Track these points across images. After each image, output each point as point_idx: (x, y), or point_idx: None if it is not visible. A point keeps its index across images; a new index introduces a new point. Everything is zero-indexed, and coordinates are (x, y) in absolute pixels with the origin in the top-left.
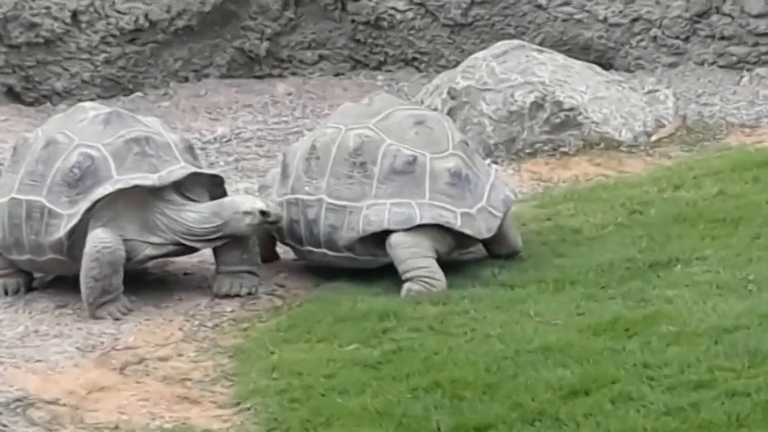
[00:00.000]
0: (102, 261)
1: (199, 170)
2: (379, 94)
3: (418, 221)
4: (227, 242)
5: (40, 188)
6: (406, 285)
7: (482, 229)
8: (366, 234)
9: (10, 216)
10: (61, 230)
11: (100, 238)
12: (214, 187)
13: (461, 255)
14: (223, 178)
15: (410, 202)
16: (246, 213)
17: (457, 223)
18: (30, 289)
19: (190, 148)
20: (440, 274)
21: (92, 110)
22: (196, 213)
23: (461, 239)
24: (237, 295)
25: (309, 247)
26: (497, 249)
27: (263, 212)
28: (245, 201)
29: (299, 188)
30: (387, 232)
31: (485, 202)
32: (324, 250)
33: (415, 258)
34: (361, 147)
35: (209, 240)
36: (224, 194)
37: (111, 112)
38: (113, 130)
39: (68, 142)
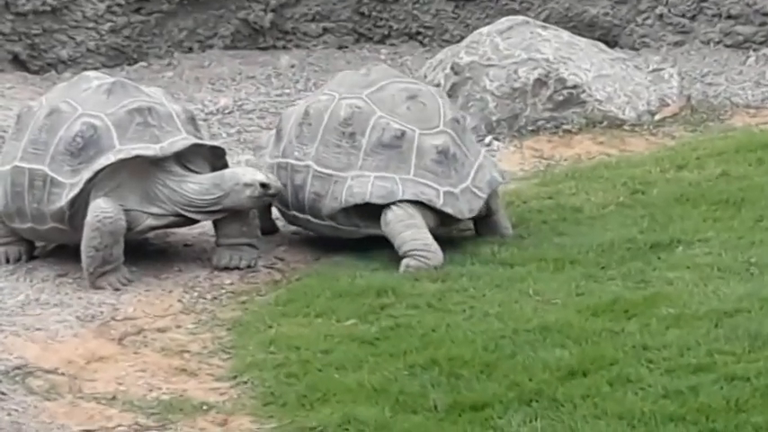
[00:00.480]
0: (104, 231)
1: (201, 141)
2: (378, 65)
3: (400, 197)
4: (227, 215)
5: (43, 157)
6: (405, 261)
7: (464, 209)
8: (348, 205)
9: (12, 184)
10: (63, 199)
11: (101, 208)
12: (215, 159)
13: (446, 233)
14: (224, 150)
15: (394, 177)
16: (247, 185)
17: (439, 201)
18: (31, 257)
19: (192, 120)
20: (435, 246)
21: (95, 79)
22: (197, 185)
23: (443, 218)
24: (237, 268)
25: (295, 212)
26: (486, 232)
27: (263, 185)
28: (245, 173)
29: (289, 152)
30: (377, 206)
31: (470, 182)
32: (308, 216)
33: (411, 232)
34: (352, 117)
35: (209, 212)
36: (225, 166)
37: (115, 82)
38: (116, 99)
39: (72, 111)
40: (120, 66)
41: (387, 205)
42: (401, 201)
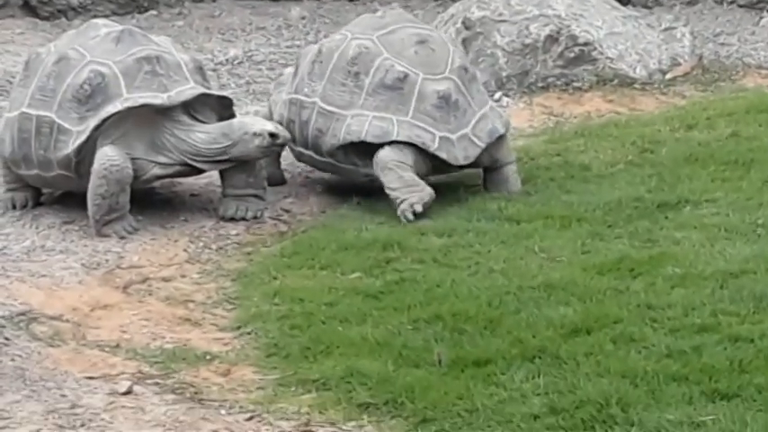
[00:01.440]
0: (110, 178)
1: (208, 91)
2: (395, 9)
3: (393, 137)
4: (233, 165)
5: (50, 103)
6: (399, 210)
7: (459, 155)
8: (345, 143)
9: (19, 130)
10: (70, 147)
11: (108, 156)
12: (223, 109)
13: (438, 179)
14: (232, 100)
15: (391, 118)
16: (256, 135)
17: (433, 146)
18: (37, 204)
19: (200, 69)
20: (423, 184)
21: (104, 27)
22: (205, 134)
23: (438, 164)
24: (243, 219)
25: (300, 148)
26: (493, 186)
27: (272, 134)
28: (254, 122)
29: (300, 89)
30: (376, 146)
31: (469, 129)
32: (311, 153)
33: (397, 173)
34: (359, 57)
35: (216, 162)
36: (233, 117)
37: (123, 30)
38: (125, 47)
39: (80, 58)
40: (130, 14)
41: (381, 145)
42: (396, 142)
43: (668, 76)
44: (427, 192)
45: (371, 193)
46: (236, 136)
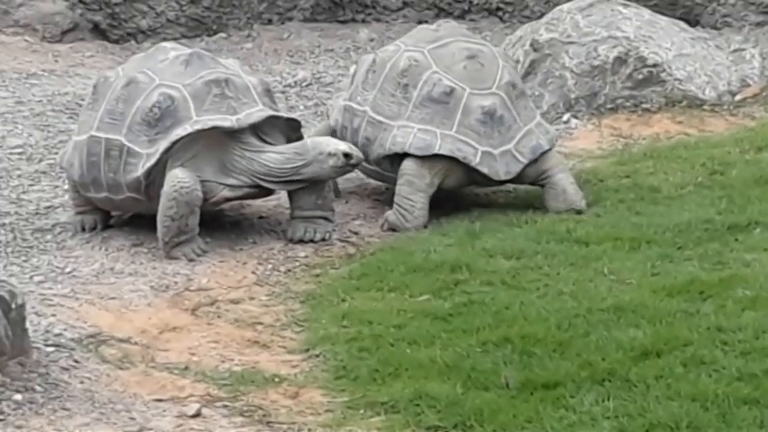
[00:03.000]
0: (180, 201)
1: (277, 113)
2: (449, 22)
3: (436, 150)
4: (302, 187)
5: (119, 127)
6: (387, 213)
7: (500, 170)
8: (390, 153)
9: (89, 154)
10: (139, 170)
11: (178, 178)
12: (291, 131)
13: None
14: (300, 122)
15: (435, 131)
16: (330, 155)
17: (475, 160)
18: (106, 226)
19: (268, 91)
20: (419, 213)
21: (173, 50)
22: (278, 154)
23: (479, 178)
24: (311, 241)
25: None
26: (552, 202)
27: (345, 155)
28: (329, 142)
29: (354, 97)
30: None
31: (512, 145)
32: None
33: (409, 188)
34: (409, 69)
35: (288, 182)
36: (300, 139)
37: (192, 53)
38: (194, 70)
39: (149, 82)
40: (199, 36)
41: (406, 155)
42: (434, 156)
43: (737, 97)
44: (417, 224)
45: (437, 209)
46: (311, 156)
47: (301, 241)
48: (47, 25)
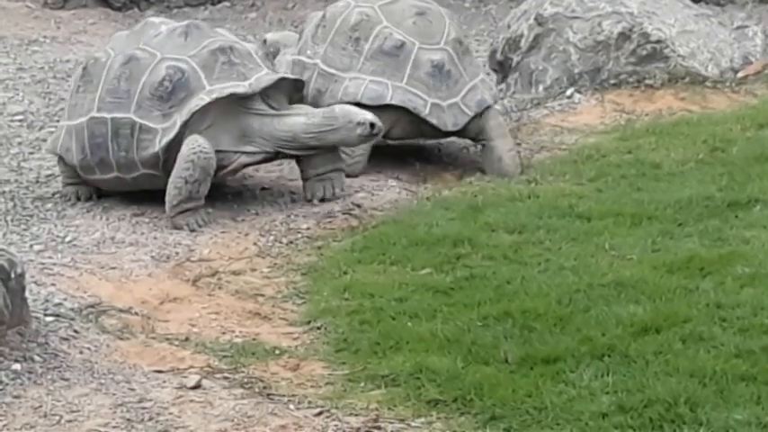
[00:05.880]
0: (197, 164)
1: (287, 75)
2: None
3: (388, 101)
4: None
5: (126, 105)
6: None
7: (448, 122)
8: (342, 103)
9: (92, 135)
10: (157, 145)
11: (198, 143)
12: (294, 92)
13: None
14: (304, 82)
15: (387, 83)
16: (360, 124)
17: (425, 111)
18: (105, 195)
19: (267, 56)
20: (359, 158)
21: (163, 24)
22: (305, 118)
23: (427, 128)
24: (334, 196)
25: None
26: (488, 166)
27: (372, 124)
28: (357, 111)
29: (303, 50)
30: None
31: (459, 98)
32: None
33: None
34: (360, 24)
35: (311, 148)
36: (302, 99)
37: (189, 24)
38: (195, 41)
39: (150, 57)
40: (203, 5)
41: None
42: (383, 106)
43: (740, 74)
44: (355, 170)
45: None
46: (340, 123)
47: (324, 200)
48: None
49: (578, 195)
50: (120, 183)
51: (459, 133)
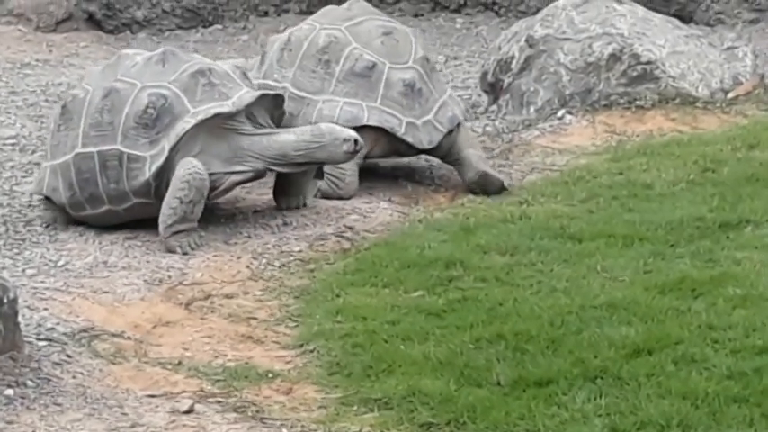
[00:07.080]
0: (193, 185)
1: (267, 91)
2: (359, 2)
3: (364, 122)
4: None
5: (111, 137)
6: (320, 183)
7: (423, 140)
8: None
9: (78, 172)
10: (147, 172)
11: (193, 164)
12: (275, 108)
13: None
14: (284, 97)
15: (361, 104)
16: (345, 141)
17: (401, 130)
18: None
19: (245, 74)
20: (350, 180)
21: (137, 55)
22: (293, 136)
23: (403, 147)
24: (304, 206)
25: None
26: (465, 176)
27: (356, 141)
28: (341, 128)
29: (269, 75)
30: None
31: (431, 116)
32: None
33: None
34: (329, 46)
35: (298, 165)
36: (283, 115)
37: (164, 51)
38: (172, 67)
39: (131, 87)
40: (194, 28)
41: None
42: (361, 127)
43: (730, 95)
44: (349, 191)
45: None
46: (327, 140)
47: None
48: (41, 15)
49: (570, 216)
50: (112, 216)
51: (432, 151)
